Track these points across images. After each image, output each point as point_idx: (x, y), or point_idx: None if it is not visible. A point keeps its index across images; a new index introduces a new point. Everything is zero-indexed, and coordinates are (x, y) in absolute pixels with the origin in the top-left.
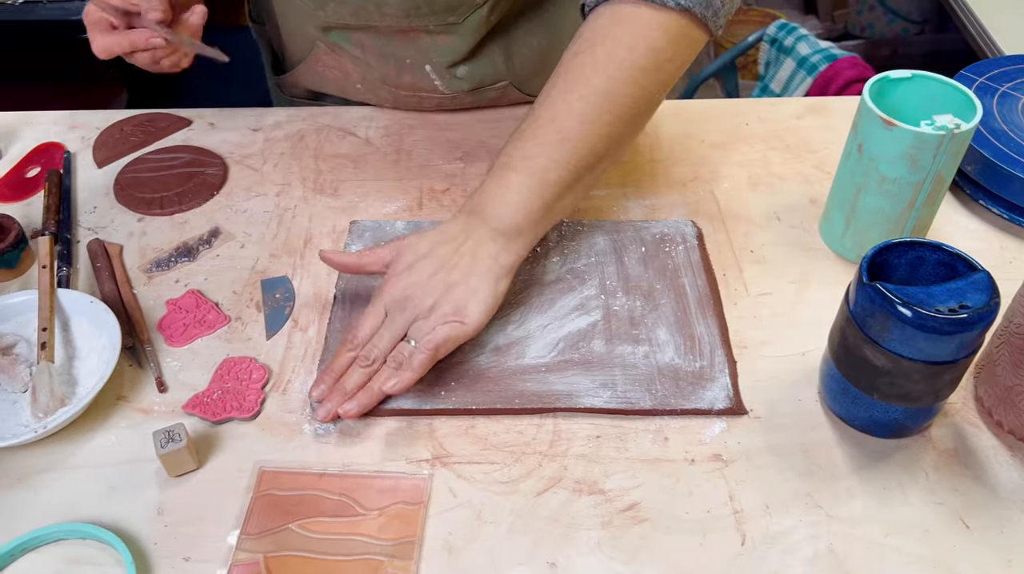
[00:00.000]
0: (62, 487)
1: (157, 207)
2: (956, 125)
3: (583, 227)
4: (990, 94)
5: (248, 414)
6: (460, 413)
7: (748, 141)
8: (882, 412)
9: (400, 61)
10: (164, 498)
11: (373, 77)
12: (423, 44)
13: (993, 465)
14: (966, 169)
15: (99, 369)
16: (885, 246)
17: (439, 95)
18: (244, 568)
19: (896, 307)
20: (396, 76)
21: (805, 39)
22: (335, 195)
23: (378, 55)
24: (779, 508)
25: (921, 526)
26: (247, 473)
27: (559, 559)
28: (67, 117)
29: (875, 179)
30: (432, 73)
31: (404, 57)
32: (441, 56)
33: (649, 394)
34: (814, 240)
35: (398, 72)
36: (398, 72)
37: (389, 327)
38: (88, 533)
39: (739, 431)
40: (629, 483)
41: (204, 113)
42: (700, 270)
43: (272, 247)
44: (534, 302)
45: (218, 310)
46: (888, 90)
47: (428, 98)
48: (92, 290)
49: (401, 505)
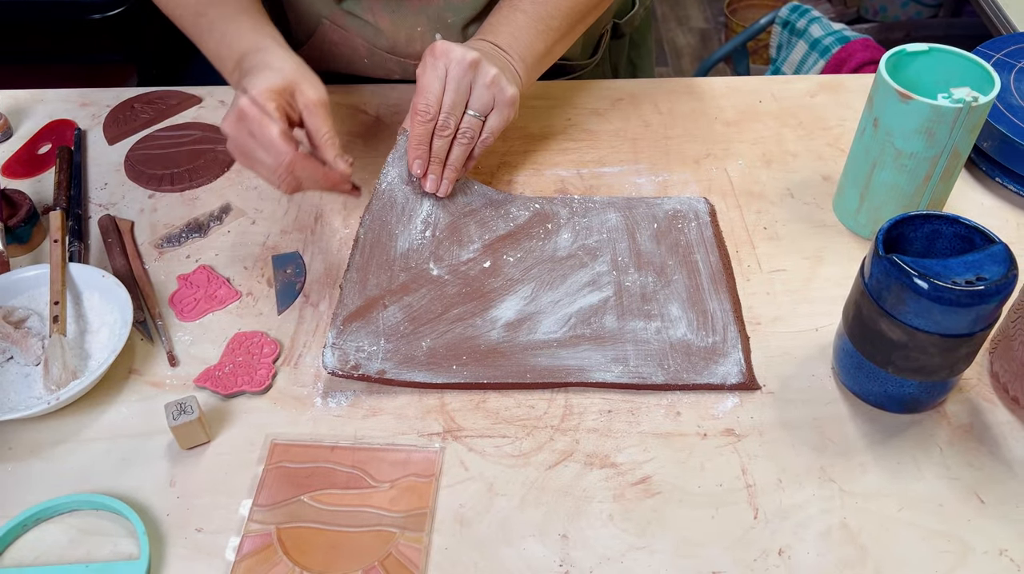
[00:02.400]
0: (75, 459)
1: (168, 183)
2: (974, 98)
3: (595, 204)
4: (1007, 70)
5: (259, 388)
6: (471, 387)
7: (761, 118)
8: (896, 387)
9: (411, 29)
10: (176, 470)
11: (382, 48)
12: (436, 6)
13: (1008, 440)
14: (982, 145)
15: (111, 342)
16: (901, 219)
17: None
18: (256, 539)
19: (912, 279)
20: (406, 45)
21: (818, 21)
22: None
23: (389, 23)
24: (792, 482)
25: (935, 501)
26: (259, 446)
27: (571, 532)
28: (78, 95)
29: (890, 154)
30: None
31: (415, 24)
32: (457, 14)
33: (661, 369)
34: (828, 217)
35: (408, 41)
36: (408, 41)
37: (455, 90)
38: (101, 504)
39: (752, 406)
40: (641, 457)
41: (214, 91)
42: (713, 247)
43: (283, 223)
44: (546, 278)
45: (229, 285)
46: (904, 64)
47: None
48: (104, 265)
49: (413, 477)
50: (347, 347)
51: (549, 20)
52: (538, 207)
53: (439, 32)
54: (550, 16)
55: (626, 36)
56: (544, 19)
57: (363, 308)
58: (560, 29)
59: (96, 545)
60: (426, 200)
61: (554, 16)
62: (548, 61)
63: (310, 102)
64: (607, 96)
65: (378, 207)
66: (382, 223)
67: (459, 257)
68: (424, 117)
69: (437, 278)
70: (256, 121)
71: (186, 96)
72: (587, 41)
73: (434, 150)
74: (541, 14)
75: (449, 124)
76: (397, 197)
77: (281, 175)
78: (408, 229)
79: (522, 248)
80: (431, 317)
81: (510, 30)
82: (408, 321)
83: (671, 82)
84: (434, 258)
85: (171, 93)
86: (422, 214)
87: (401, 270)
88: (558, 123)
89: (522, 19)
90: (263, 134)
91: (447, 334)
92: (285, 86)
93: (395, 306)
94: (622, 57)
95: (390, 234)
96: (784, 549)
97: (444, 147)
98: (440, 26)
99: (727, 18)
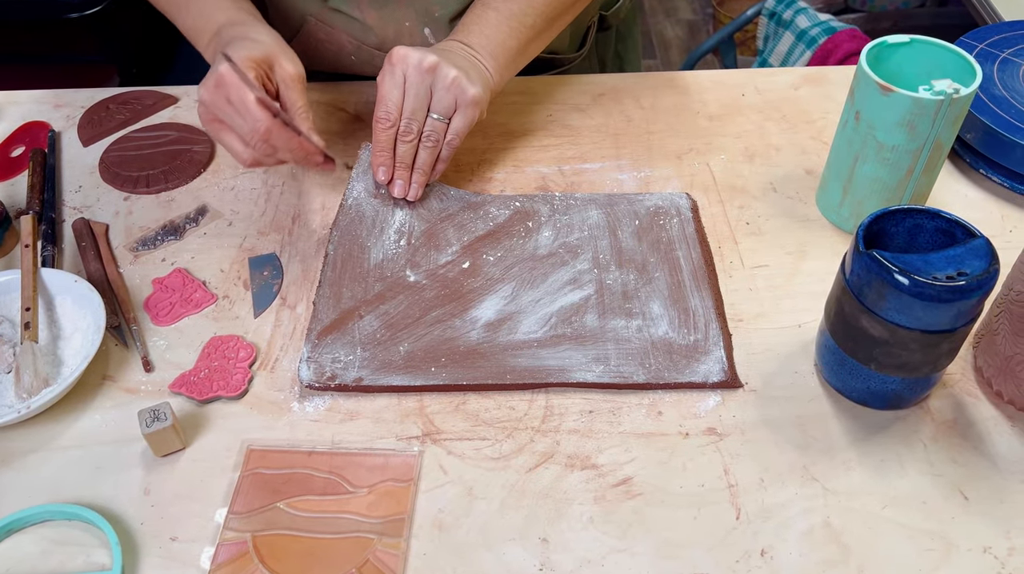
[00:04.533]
0: (47, 468)
1: (143, 185)
2: (955, 90)
3: (576, 201)
4: (991, 60)
5: (235, 393)
6: (451, 389)
7: (744, 112)
8: (879, 383)
9: (399, 23)
10: (150, 478)
11: (370, 44)
12: (423, 0)
13: (992, 436)
14: (966, 137)
15: (84, 349)
16: (882, 213)
17: None
18: (232, 547)
19: (893, 275)
20: (394, 40)
21: (804, 12)
22: (324, 172)
23: (376, 18)
24: (775, 481)
25: (919, 498)
26: (235, 452)
27: (551, 535)
28: (52, 96)
29: (873, 147)
30: (431, 37)
31: (403, 19)
32: (444, 7)
33: (642, 368)
34: (811, 211)
35: (396, 36)
36: (396, 36)
37: (415, 95)
38: (74, 514)
39: (734, 404)
40: (622, 458)
41: (190, 90)
42: (695, 243)
43: (260, 224)
44: (526, 277)
45: (205, 288)
46: (886, 56)
47: None
48: (77, 270)
49: (391, 482)
50: (323, 359)
51: (523, 17)
52: (518, 205)
53: (427, 26)
54: (523, 13)
55: (612, 28)
56: (517, 16)
57: (338, 321)
58: (535, 26)
59: (69, 556)
60: (398, 210)
61: (527, 13)
62: (524, 59)
63: (288, 75)
64: (588, 91)
65: (345, 222)
66: (352, 237)
67: (437, 261)
68: (385, 124)
69: (414, 284)
70: (235, 87)
71: (162, 96)
72: (574, 33)
73: (399, 155)
74: (514, 11)
75: (412, 129)
76: (366, 210)
77: (256, 142)
78: (381, 240)
79: (502, 247)
80: (409, 322)
81: (481, 28)
82: (385, 328)
83: (653, 76)
84: (411, 265)
85: (147, 93)
86: (395, 224)
87: (376, 280)
88: (539, 119)
89: (494, 17)
90: (241, 100)
91: (425, 337)
92: (264, 57)
93: (371, 315)
94: (609, 50)
95: (362, 247)
96: (767, 549)
97: (409, 152)
98: (427, 20)
99: (715, 9)
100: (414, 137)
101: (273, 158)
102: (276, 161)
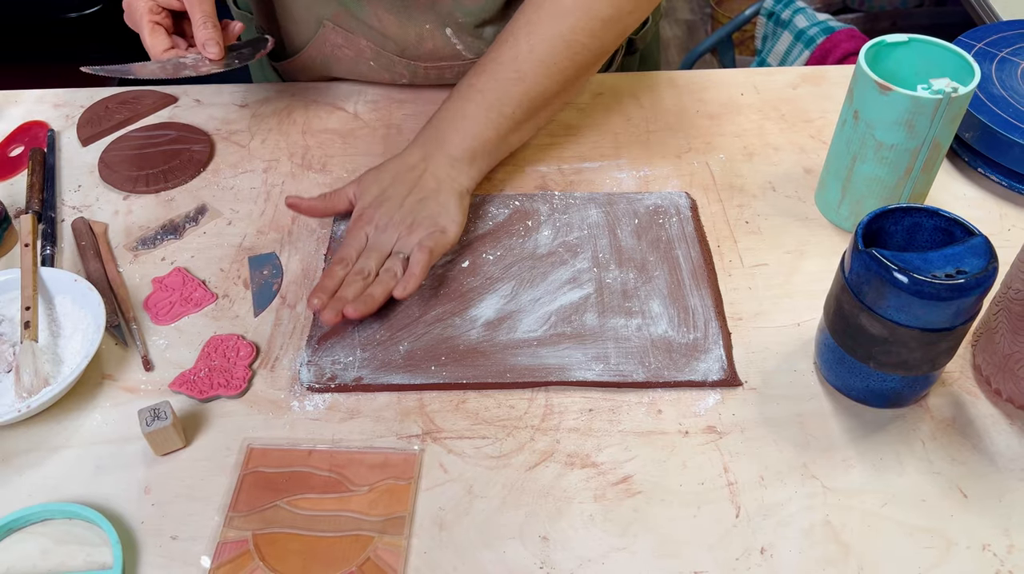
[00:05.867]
0: (47, 467)
1: (142, 185)
2: (953, 89)
3: (576, 200)
4: (989, 59)
5: (235, 391)
6: (451, 387)
7: (743, 111)
8: (878, 381)
9: (419, 27)
10: (151, 477)
11: (390, 50)
12: (444, 6)
13: (991, 434)
14: (964, 136)
15: (84, 348)
16: (881, 212)
17: (461, 62)
18: (232, 546)
19: (892, 273)
20: (416, 46)
21: (802, 12)
22: (323, 171)
23: (395, 23)
24: (774, 480)
25: (918, 496)
26: (235, 451)
27: (551, 533)
28: (51, 95)
29: (871, 146)
30: (453, 37)
31: (423, 22)
32: (468, 15)
33: (642, 367)
34: (810, 210)
35: (418, 40)
36: (418, 40)
37: (376, 246)
38: (74, 513)
39: (733, 403)
40: (622, 456)
41: (189, 90)
42: (694, 242)
43: (259, 224)
44: (526, 276)
45: (205, 288)
46: (884, 55)
47: (450, 67)
48: (77, 269)
49: (391, 481)
50: (323, 362)
51: (501, 107)
52: (517, 204)
53: (449, 28)
54: (502, 103)
55: (638, 52)
56: (496, 106)
57: (337, 326)
58: (514, 116)
59: (69, 555)
60: None
61: (506, 103)
62: (506, 148)
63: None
64: (588, 91)
65: (340, 232)
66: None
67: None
68: (340, 264)
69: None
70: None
71: (161, 96)
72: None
73: (345, 292)
74: (492, 101)
75: (368, 267)
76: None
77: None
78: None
79: (502, 246)
80: (408, 321)
81: (459, 126)
82: (384, 328)
83: (652, 76)
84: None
85: (145, 93)
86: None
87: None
88: None
89: (472, 109)
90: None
91: (425, 336)
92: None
93: (370, 317)
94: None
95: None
96: (766, 547)
97: (357, 290)
98: (450, 24)
99: (713, 9)
100: (370, 272)
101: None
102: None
